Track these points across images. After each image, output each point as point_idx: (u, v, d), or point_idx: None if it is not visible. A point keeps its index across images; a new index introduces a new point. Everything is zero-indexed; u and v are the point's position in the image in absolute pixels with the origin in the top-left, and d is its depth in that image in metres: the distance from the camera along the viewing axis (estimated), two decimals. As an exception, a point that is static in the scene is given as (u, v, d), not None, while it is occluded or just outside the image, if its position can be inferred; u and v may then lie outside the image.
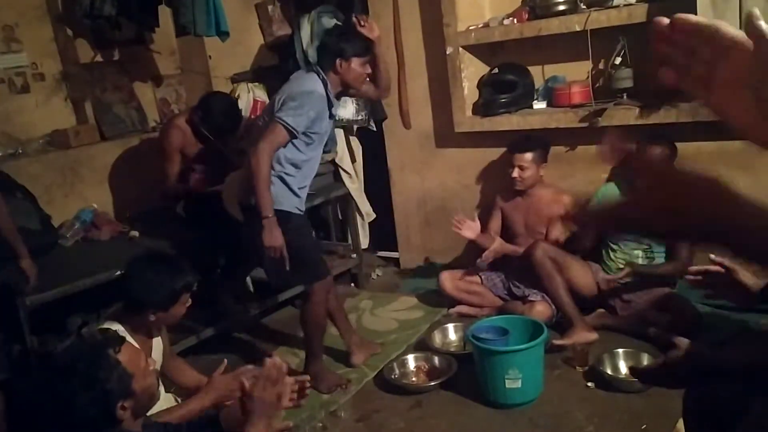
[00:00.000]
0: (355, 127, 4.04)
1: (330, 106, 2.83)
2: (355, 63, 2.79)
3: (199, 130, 3.48)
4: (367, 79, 2.90)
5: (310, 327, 2.96)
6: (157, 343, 2.27)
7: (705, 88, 0.64)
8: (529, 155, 3.29)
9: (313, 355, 3.01)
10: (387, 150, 4.22)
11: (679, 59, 0.65)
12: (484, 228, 3.50)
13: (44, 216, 3.27)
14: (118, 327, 2.05)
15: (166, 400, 2.18)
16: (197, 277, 2.24)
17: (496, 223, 3.53)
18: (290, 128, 2.69)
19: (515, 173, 3.31)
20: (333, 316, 3.10)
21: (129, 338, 1.90)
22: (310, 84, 2.77)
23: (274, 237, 2.69)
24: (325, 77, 2.80)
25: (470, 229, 3.42)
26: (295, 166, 2.81)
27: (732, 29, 0.63)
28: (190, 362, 2.98)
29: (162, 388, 2.17)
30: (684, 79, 0.65)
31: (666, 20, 0.65)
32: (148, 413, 1.78)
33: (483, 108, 3.65)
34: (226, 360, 2.22)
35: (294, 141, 2.75)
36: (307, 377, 1.94)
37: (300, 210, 2.87)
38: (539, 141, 3.36)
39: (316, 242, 2.98)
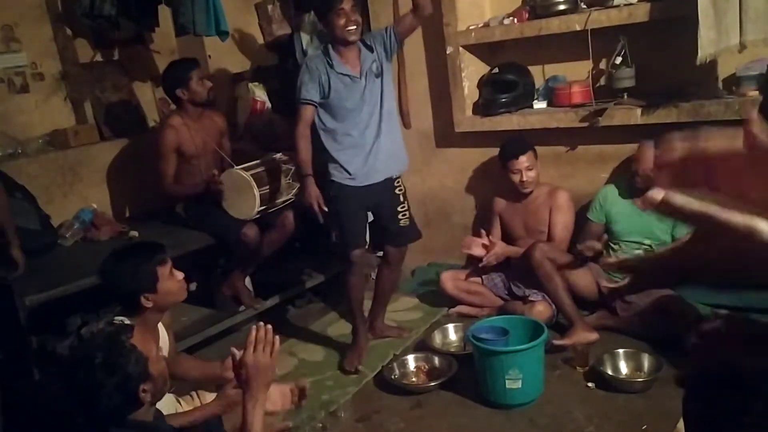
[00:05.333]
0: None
1: (337, 67, 2.93)
2: (330, 18, 2.88)
3: (188, 119, 3.49)
4: (352, 27, 2.88)
5: (347, 295, 3.18)
6: (164, 338, 2.27)
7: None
8: (528, 155, 3.29)
9: (354, 327, 3.22)
10: (387, 150, 4.20)
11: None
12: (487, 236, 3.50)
13: (44, 216, 3.26)
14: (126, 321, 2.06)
15: (167, 401, 2.18)
16: (164, 249, 2.22)
17: (496, 231, 3.53)
18: (303, 101, 2.93)
19: (524, 177, 3.29)
20: (375, 294, 3.36)
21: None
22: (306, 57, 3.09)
23: (307, 193, 2.95)
24: (329, 43, 2.99)
25: (478, 246, 3.41)
26: (332, 137, 2.99)
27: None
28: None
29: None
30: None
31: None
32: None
33: (483, 108, 3.64)
34: (234, 348, 2.22)
35: (321, 113, 2.97)
36: (306, 381, 1.95)
37: (347, 183, 3.01)
38: (526, 140, 3.36)
39: (356, 214, 3.08)
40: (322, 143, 3.01)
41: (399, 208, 3.18)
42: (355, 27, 2.90)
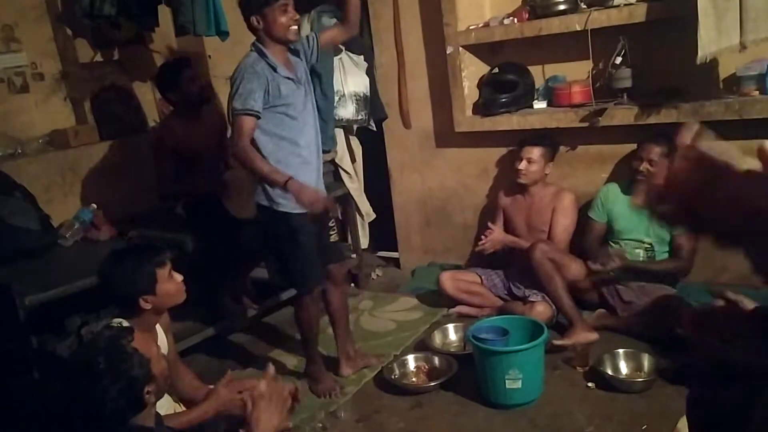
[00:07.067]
0: (355, 127, 4.03)
1: (280, 70, 2.61)
2: (271, 14, 2.55)
3: (186, 120, 3.48)
4: (294, 26, 2.60)
5: (301, 332, 2.98)
6: (162, 340, 2.27)
7: None
8: (539, 149, 3.31)
9: (308, 358, 3.02)
10: (387, 150, 4.21)
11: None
12: None
13: (43, 216, 3.26)
14: (125, 323, 2.05)
15: (165, 403, 2.18)
16: (166, 251, 2.21)
17: (499, 224, 3.54)
18: (247, 112, 2.54)
19: (522, 165, 3.31)
20: (333, 321, 3.06)
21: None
22: (242, 61, 2.62)
23: (308, 194, 2.57)
24: (259, 44, 2.62)
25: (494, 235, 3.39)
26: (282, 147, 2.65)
27: None
28: (191, 362, 2.99)
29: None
30: None
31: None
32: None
33: (483, 108, 3.64)
34: (230, 370, 2.22)
35: (264, 126, 2.60)
36: (295, 386, 1.94)
37: (298, 211, 2.67)
38: (551, 139, 3.38)
39: (310, 251, 2.75)
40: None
41: (330, 224, 3.01)
42: (297, 27, 2.63)
